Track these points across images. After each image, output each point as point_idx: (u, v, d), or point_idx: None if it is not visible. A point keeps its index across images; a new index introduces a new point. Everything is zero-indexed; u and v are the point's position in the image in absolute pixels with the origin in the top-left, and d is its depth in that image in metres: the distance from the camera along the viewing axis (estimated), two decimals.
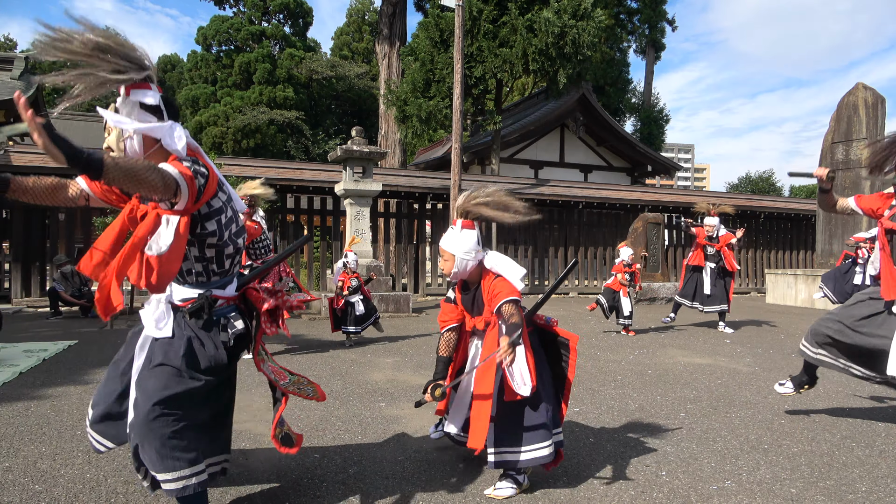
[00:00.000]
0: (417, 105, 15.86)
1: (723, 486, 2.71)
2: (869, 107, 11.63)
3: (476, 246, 2.55)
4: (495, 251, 2.67)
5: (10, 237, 10.63)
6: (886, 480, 2.82)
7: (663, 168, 21.89)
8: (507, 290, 2.48)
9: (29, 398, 4.11)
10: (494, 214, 2.57)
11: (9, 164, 9.98)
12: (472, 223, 2.58)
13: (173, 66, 42.37)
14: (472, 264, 2.57)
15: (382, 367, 5.40)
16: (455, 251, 2.55)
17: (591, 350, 6.38)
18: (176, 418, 1.98)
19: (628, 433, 3.47)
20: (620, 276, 7.48)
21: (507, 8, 15.02)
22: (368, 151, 9.59)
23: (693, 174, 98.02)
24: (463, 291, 2.69)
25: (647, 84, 27.58)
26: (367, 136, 10.67)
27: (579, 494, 2.60)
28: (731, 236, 7.67)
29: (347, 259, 6.60)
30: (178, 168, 1.85)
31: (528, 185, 15.25)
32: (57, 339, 6.76)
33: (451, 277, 2.64)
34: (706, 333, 7.77)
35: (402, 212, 13.07)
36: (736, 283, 16.16)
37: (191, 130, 31.26)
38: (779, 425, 3.68)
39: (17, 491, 2.55)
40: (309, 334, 7.31)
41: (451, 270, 2.58)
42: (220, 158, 10.55)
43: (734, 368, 5.49)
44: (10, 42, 41.39)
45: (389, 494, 2.58)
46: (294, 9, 36.15)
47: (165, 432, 1.95)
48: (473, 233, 2.56)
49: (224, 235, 2.05)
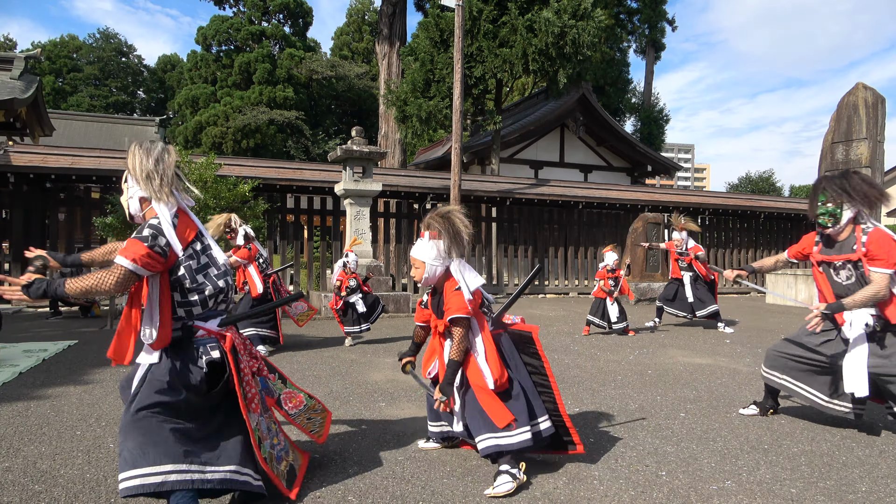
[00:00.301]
0: (417, 105, 15.86)
1: (723, 486, 2.71)
2: (869, 107, 11.62)
3: (443, 254, 2.86)
4: (461, 260, 2.92)
5: (10, 237, 10.63)
6: (886, 480, 2.82)
7: (663, 168, 21.88)
8: (455, 307, 2.77)
9: (29, 398, 4.11)
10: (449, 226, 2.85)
11: (9, 164, 9.99)
12: (436, 233, 2.88)
13: (173, 66, 42.41)
14: (440, 270, 2.88)
15: (382, 367, 5.40)
16: (425, 259, 2.86)
17: (591, 350, 6.38)
18: (160, 420, 2.20)
19: (628, 433, 3.47)
20: (603, 284, 7.39)
21: (507, 8, 15.02)
22: (368, 151, 9.59)
23: (693, 174, 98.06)
24: (432, 296, 2.98)
25: (647, 84, 27.58)
26: (367, 136, 10.67)
27: (579, 494, 2.60)
28: (699, 249, 8.10)
29: (348, 259, 6.60)
30: (130, 258, 2.17)
31: (528, 185, 15.25)
32: (57, 339, 6.77)
33: (422, 283, 2.91)
34: (706, 333, 7.77)
35: (402, 212, 13.07)
36: (736, 283, 16.21)
37: (191, 130, 31.27)
38: (779, 425, 3.68)
39: (17, 491, 2.55)
40: (309, 334, 7.31)
41: (422, 276, 2.88)
42: (220, 158, 10.53)
43: (734, 368, 5.49)
44: (10, 42, 41.41)
45: (389, 494, 2.57)
46: (294, 9, 36.15)
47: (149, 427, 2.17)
48: (439, 242, 2.87)
49: (198, 279, 2.32)
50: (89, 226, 10.64)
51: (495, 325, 2.96)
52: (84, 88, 39.96)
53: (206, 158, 9.15)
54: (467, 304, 2.77)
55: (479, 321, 2.87)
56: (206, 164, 8.72)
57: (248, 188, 8.93)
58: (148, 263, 2.19)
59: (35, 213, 10.56)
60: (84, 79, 40.48)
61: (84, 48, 41.97)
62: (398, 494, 2.58)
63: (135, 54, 45.21)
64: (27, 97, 9.48)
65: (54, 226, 11.16)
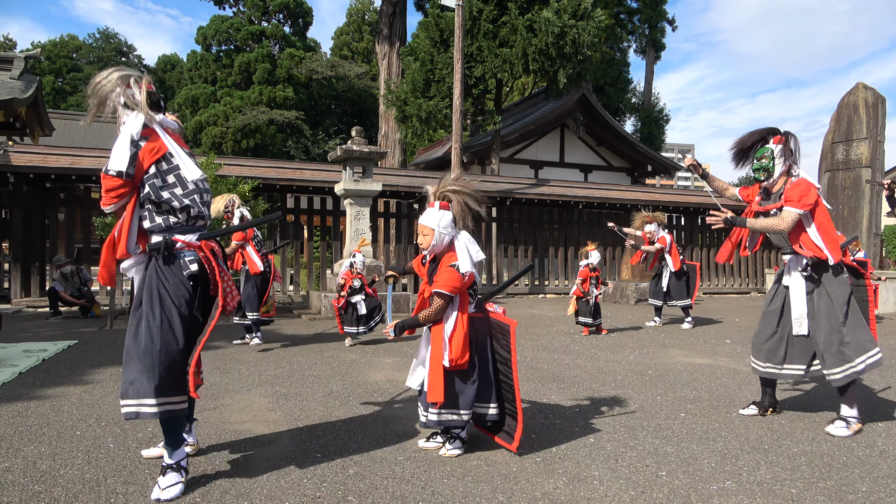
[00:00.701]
0: (417, 105, 15.86)
1: (723, 486, 2.71)
2: (869, 107, 11.63)
3: (452, 223, 2.96)
4: (467, 234, 3.01)
5: (9, 237, 10.63)
6: (886, 480, 2.82)
7: (663, 168, 21.88)
8: (443, 282, 2.87)
9: (29, 398, 4.10)
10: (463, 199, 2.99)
11: (9, 164, 9.99)
12: (447, 204, 2.98)
13: (173, 66, 42.39)
14: (448, 239, 2.97)
15: (382, 367, 5.40)
16: (435, 226, 2.93)
17: (591, 350, 6.38)
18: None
19: (628, 433, 3.47)
20: (581, 284, 7.36)
21: (507, 8, 15.01)
22: (368, 151, 9.59)
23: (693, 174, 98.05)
24: (431, 262, 3.05)
25: (647, 84, 27.57)
26: (367, 136, 10.66)
27: (579, 494, 2.60)
28: (664, 240, 8.19)
29: (355, 260, 6.65)
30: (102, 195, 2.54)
31: (528, 185, 15.25)
32: (57, 339, 6.77)
33: (429, 251, 2.99)
34: (706, 333, 7.78)
35: (402, 212, 13.07)
36: (736, 282, 16.21)
37: (190, 130, 31.27)
38: (779, 425, 3.68)
39: (17, 491, 2.55)
40: (309, 334, 7.31)
41: (430, 244, 2.95)
42: (219, 158, 10.55)
43: (734, 368, 5.49)
44: (10, 42, 41.42)
45: (389, 494, 2.57)
46: (294, 9, 36.13)
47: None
48: (450, 213, 2.97)
49: (163, 196, 2.56)
50: (89, 226, 10.64)
51: (477, 309, 3.05)
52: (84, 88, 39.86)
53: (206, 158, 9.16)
54: (456, 283, 2.85)
55: (461, 300, 2.93)
56: (206, 164, 8.73)
57: (248, 188, 8.94)
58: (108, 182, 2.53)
59: (35, 213, 10.56)
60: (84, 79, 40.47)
61: (84, 48, 42.01)
62: (398, 494, 2.58)
63: (135, 54, 45.28)
64: (27, 97, 9.48)
65: (54, 226, 11.15)
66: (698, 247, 15.97)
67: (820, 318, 3.55)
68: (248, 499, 2.51)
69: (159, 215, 2.58)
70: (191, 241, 2.61)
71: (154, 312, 2.51)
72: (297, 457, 2.99)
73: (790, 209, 3.48)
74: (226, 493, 2.55)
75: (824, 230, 3.52)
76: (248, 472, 2.79)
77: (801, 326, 3.61)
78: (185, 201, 2.60)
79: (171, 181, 2.58)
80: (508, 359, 3.03)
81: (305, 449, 3.12)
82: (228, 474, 2.76)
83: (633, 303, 12.05)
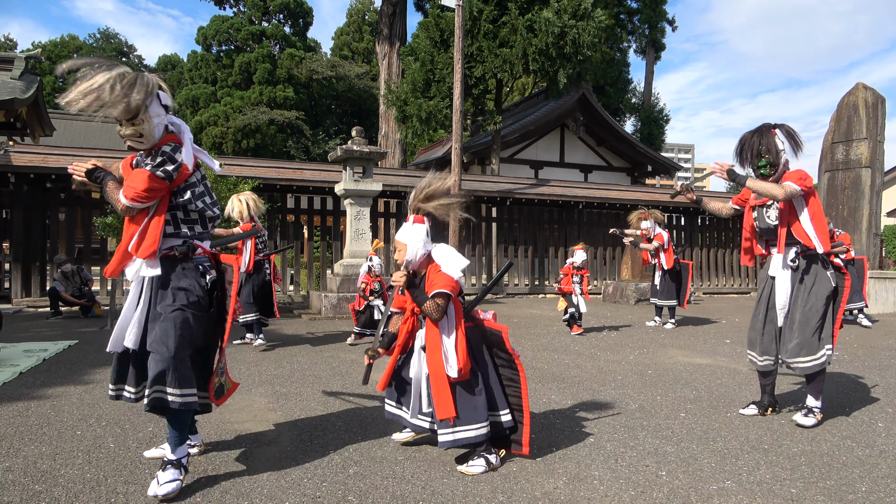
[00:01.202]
0: (417, 105, 15.86)
1: (723, 486, 2.71)
2: (869, 107, 11.62)
3: (426, 238, 2.94)
4: (444, 244, 3.01)
5: (10, 237, 10.63)
6: (886, 480, 2.82)
7: (663, 168, 21.88)
8: (441, 283, 2.83)
9: (29, 398, 4.11)
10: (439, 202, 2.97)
11: (9, 164, 9.99)
12: (422, 218, 2.97)
13: (173, 66, 42.35)
14: (422, 253, 2.94)
15: (382, 367, 5.38)
16: (408, 241, 2.92)
17: (591, 350, 6.38)
18: None
19: (628, 433, 3.47)
20: (563, 281, 7.37)
21: (507, 8, 15.02)
22: (368, 151, 9.59)
23: (693, 174, 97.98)
24: (410, 287, 2.93)
25: (647, 84, 27.57)
26: (367, 136, 10.67)
27: (579, 494, 2.60)
28: (661, 237, 8.17)
29: (372, 263, 6.69)
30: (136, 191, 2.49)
31: (528, 185, 15.25)
32: (57, 339, 6.77)
33: (403, 266, 2.95)
34: (706, 333, 7.78)
35: (403, 212, 13.02)
36: (736, 283, 16.22)
37: (191, 130, 31.23)
38: (779, 425, 3.68)
39: (17, 491, 2.55)
40: (309, 334, 7.31)
41: (404, 259, 2.94)
42: (220, 158, 10.55)
43: (734, 368, 5.49)
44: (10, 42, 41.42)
45: (389, 494, 2.58)
46: (294, 9, 36.13)
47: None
48: (423, 227, 2.96)
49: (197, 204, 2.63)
50: (89, 226, 10.64)
51: (467, 319, 3.01)
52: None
53: None
54: (451, 283, 2.84)
55: (456, 308, 2.91)
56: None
57: (249, 188, 8.93)
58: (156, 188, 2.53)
59: (35, 213, 10.56)
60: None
61: (85, 48, 41.95)
62: (398, 494, 2.58)
63: (135, 54, 45.23)
64: (27, 97, 9.48)
65: (54, 226, 11.15)
66: (698, 247, 15.97)
67: (795, 310, 3.66)
68: (248, 498, 2.51)
69: (185, 223, 2.65)
70: (206, 248, 2.72)
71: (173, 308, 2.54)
72: (297, 457, 3.00)
73: (790, 183, 3.55)
74: (226, 493, 2.55)
75: (816, 220, 3.60)
76: (249, 472, 2.79)
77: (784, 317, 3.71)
78: (216, 211, 2.72)
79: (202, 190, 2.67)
80: (511, 359, 3.02)
81: (305, 449, 3.12)
82: (229, 474, 2.76)
83: (633, 303, 12.06)
